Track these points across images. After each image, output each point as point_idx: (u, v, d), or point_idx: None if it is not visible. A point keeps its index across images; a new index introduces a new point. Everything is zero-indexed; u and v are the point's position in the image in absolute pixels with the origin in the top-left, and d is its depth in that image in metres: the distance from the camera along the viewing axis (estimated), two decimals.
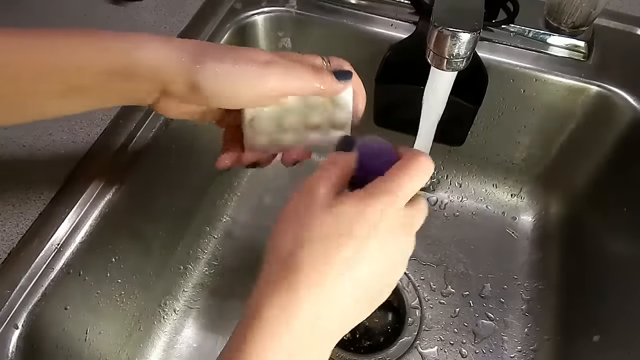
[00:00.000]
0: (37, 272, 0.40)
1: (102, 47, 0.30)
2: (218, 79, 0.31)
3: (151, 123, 0.50)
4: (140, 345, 0.57)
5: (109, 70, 0.30)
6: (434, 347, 0.61)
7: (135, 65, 0.30)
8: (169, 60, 0.31)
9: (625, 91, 0.55)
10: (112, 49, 0.30)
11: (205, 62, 0.31)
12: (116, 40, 0.31)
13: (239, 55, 0.32)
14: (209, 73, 0.31)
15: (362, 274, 0.27)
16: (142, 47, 0.31)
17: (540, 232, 0.69)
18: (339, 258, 0.26)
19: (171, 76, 0.31)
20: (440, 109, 0.44)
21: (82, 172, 0.46)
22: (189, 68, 0.31)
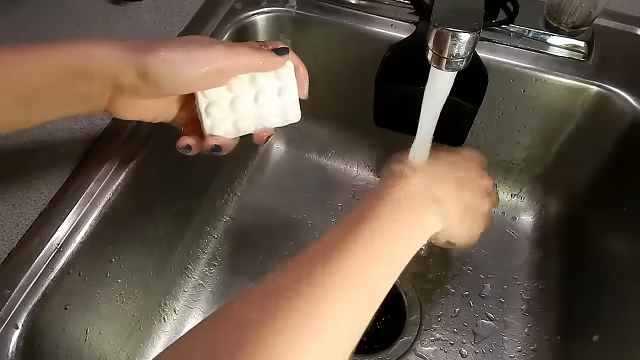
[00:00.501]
0: (37, 272, 0.40)
1: (50, 52, 0.31)
2: (166, 63, 0.32)
3: (151, 123, 0.50)
4: (140, 345, 0.57)
5: (58, 71, 0.31)
6: (434, 347, 0.61)
7: (84, 61, 0.31)
8: (115, 53, 0.32)
9: (625, 91, 0.55)
10: (58, 51, 0.31)
11: (150, 49, 0.32)
12: (60, 44, 0.32)
13: (183, 41, 0.34)
14: (157, 58, 0.32)
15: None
16: (88, 45, 0.32)
17: (540, 232, 0.69)
18: None
19: (120, 66, 0.32)
20: (440, 109, 0.44)
21: (82, 172, 0.46)
22: (136, 56, 0.32)
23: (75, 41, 0.32)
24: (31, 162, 0.46)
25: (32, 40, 0.55)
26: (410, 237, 0.34)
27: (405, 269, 0.32)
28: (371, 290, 0.29)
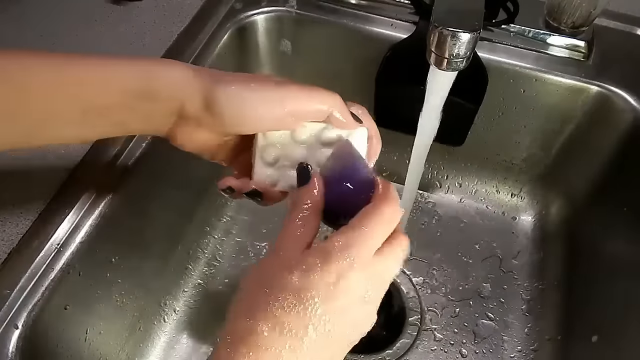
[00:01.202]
0: (37, 272, 0.40)
1: (119, 69, 0.30)
2: (235, 98, 0.30)
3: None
4: (140, 345, 0.57)
5: (126, 90, 0.30)
6: (434, 347, 0.61)
7: (153, 83, 0.30)
8: (186, 79, 0.31)
9: (625, 91, 0.55)
10: (129, 68, 0.30)
11: (223, 81, 0.31)
12: (133, 61, 0.31)
13: (257, 78, 0.32)
14: (226, 92, 0.30)
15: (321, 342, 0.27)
16: (160, 67, 0.31)
17: (540, 232, 0.69)
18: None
19: (187, 93, 0.31)
20: (440, 108, 0.44)
21: (82, 172, 0.46)
22: (206, 86, 0.30)
23: (145, 60, 0.31)
24: (31, 161, 0.46)
25: (33, 40, 0.56)
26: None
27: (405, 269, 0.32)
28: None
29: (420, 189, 0.72)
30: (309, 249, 0.28)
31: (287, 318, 0.26)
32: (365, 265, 0.27)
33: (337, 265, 0.26)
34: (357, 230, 0.28)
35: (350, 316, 0.28)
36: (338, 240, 0.27)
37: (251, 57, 0.66)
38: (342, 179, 0.30)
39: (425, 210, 0.72)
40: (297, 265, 0.27)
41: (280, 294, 0.26)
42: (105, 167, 0.47)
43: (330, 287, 0.26)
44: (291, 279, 0.26)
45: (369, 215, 0.28)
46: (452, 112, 0.46)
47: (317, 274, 0.26)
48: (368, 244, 0.28)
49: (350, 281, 0.27)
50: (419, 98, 0.43)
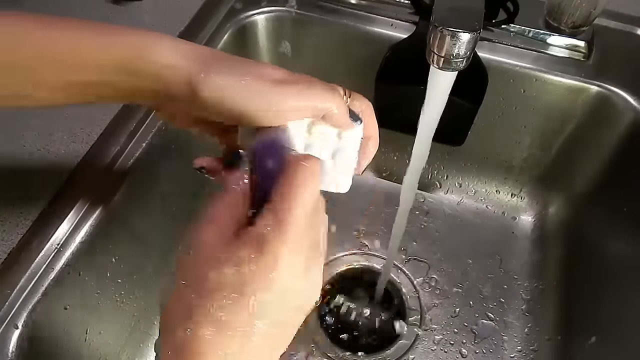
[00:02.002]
0: (37, 272, 0.40)
1: (111, 40, 0.29)
2: (222, 92, 0.29)
3: (151, 123, 0.50)
4: (140, 345, 0.57)
5: (116, 65, 0.29)
6: (434, 347, 0.61)
7: (143, 61, 0.29)
8: (177, 61, 0.29)
9: (625, 91, 0.55)
10: (122, 43, 0.29)
11: (211, 72, 0.29)
12: (126, 34, 0.29)
13: (250, 70, 0.29)
14: (214, 84, 0.29)
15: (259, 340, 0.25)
16: (153, 43, 0.29)
17: (540, 232, 0.69)
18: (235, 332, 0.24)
19: (177, 78, 0.29)
20: (440, 109, 0.43)
21: (82, 172, 0.46)
22: (195, 74, 0.29)
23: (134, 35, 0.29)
24: (31, 161, 0.46)
25: None
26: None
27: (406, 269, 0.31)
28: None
29: (420, 189, 0.72)
30: (237, 237, 0.25)
31: (230, 317, 0.24)
32: (299, 237, 0.25)
33: (271, 250, 0.24)
34: (281, 206, 0.25)
35: (296, 293, 0.26)
36: (266, 224, 0.25)
37: (251, 57, 0.65)
38: (264, 159, 0.29)
39: (425, 210, 0.72)
40: (228, 259, 0.24)
41: (216, 293, 0.24)
42: (105, 167, 0.47)
43: (269, 274, 0.24)
44: (225, 274, 0.24)
45: (288, 183, 0.26)
46: (452, 112, 0.46)
47: (253, 265, 0.24)
48: (298, 217, 0.25)
49: (288, 260, 0.25)
50: (419, 98, 0.43)
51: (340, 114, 0.31)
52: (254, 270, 0.24)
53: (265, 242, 0.25)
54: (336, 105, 0.31)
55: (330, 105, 0.30)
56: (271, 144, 0.29)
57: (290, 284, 0.25)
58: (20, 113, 0.49)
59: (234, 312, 0.24)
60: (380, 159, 0.74)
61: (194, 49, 0.30)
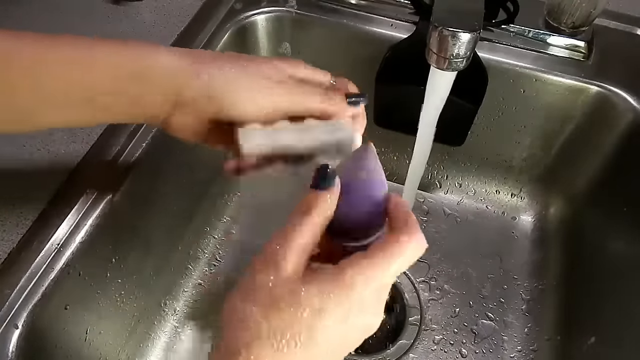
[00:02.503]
0: (37, 272, 0.40)
1: (116, 52, 0.30)
2: (232, 84, 0.30)
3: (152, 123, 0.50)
4: (140, 345, 0.57)
5: (123, 75, 0.29)
6: (434, 347, 0.61)
7: (150, 69, 0.30)
8: (182, 64, 0.30)
9: (625, 91, 0.55)
10: (126, 53, 0.30)
11: (218, 66, 0.30)
12: (129, 46, 0.30)
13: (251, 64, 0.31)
14: (223, 77, 0.30)
15: None
16: (156, 52, 0.30)
17: (540, 232, 0.69)
18: None
19: (185, 79, 0.30)
20: (440, 109, 0.44)
21: (82, 172, 0.46)
22: (203, 71, 0.30)
23: (138, 43, 0.30)
24: (31, 161, 0.46)
25: None
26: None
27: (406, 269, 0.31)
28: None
29: (420, 189, 0.72)
30: (317, 275, 0.25)
31: (293, 355, 0.23)
32: (374, 298, 0.25)
33: (349, 305, 0.24)
34: (375, 266, 0.24)
35: (349, 346, 0.26)
36: (354, 275, 0.24)
37: None
38: (358, 189, 0.27)
39: (425, 210, 0.72)
40: (307, 299, 0.24)
41: (288, 330, 0.23)
42: (106, 167, 0.47)
43: (341, 325, 0.24)
44: (301, 315, 0.23)
45: (391, 250, 0.25)
46: (452, 112, 0.46)
47: (330, 313, 0.24)
48: (382, 281, 0.25)
49: (360, 318, 0.25)
50: (419, 98, 0.43)
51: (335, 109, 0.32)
52: (329, 316, 0.24)
53: (349, 294, 0.24)
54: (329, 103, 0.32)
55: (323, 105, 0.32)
56: (368, 177, 0.28)
57: (349, 340, 0.25)
58: None
59: (298, 352, 0.24)
60: (380, 159, 0.74)
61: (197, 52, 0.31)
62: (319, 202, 0.26)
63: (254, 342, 0.23)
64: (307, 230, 0.25)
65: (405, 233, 0.25)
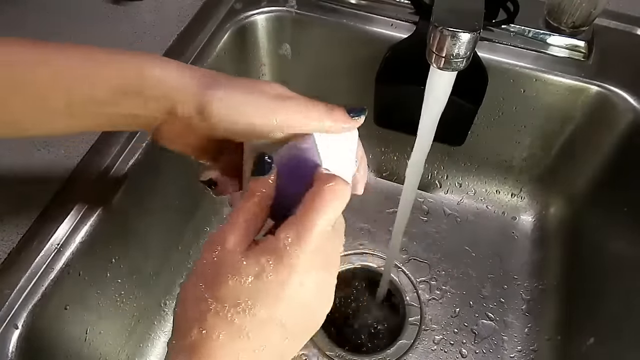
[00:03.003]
0: (37, 272, 0.40)
1: (115, 61, 0.30)
2: (229, 104, 0.30)
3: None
4: (140, 345, 0.57)
5: (120, 85, 0.29)
6: (434, 347, 0.61)
7: (148, 80, 0.29)
8: (181, 79, 0.30)
9: (625, 91, 0.55)
10: (126, 64, 0.30)
11: (217, 86, 0.30)
12: (130, 56, 0.30)
13: (253, 86, 0.31)
14: (220, 97, 0.30)
15: (277, 336, 0.26)
16: (155, 64, 0.30)
17: (540, 232, 0.69)
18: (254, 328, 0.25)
19: (182, 95, 0.30)
20: (440, 109, 0.43)
21: (82, 172, 0.46)
22: (200, 90, 0.30)
23: (138, 56, 0.30)
24: (31, 161, 0.46)
25: None
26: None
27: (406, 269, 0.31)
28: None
29: (420, 189, 0.72)
30: (258, 246, 0.26)
31: (244, 323, 0.25)
32: (317, 253, 0.26)
33: (289, 263, 0.25)
34: (302, 218, 0.26)
35: (308, 307, 0.27)
36: (287, 236, 0.26)
37: (251, 57, 0.66)
38: (290, 170, 0.29)
39: (425, 210, 0.72)
40: (248, 267, 0.25)
41: (233, 299, 0.25)
42: (106, 167, 0.47)
43: (284, 286, 0.25)
44: (243, 282, 0.25)
45: (309, 200, 0.27)
46: (452, 112, 0.46)
47: (270, 275, 0.25)
48: (318, 233, 0.26)
49: (304, 274, 0.26)
50: (419, 98, 0.43)
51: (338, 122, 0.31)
52: (271, 279, 0.25)
53: (285, 254, 0.25)
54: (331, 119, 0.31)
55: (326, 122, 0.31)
56: (298, 156, 0.29)
57: (303, 298, 0.26)
58: None
59: (248, 319, 0.25)
60: (380, 159, 0.74)
61: (197, 69, 0.31)
62: (256, 186, 0.28)
63: (205, 315, 0.24)
64: (246, 209, 0.27)
65: (320, 180, 0.27)
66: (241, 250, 0.26)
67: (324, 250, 0.27)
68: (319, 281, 0.27)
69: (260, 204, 0.28)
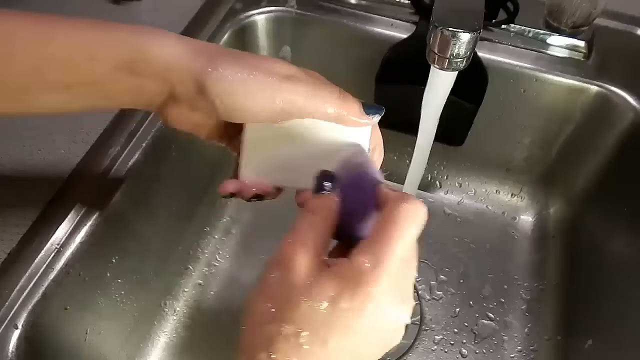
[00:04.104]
0: (37, 272, 0.40)
1: (115, 38, 0.28)
2: (230, 86, 0.28)
3: (151, 123, 0.50)
4: (140, 345, 0.57)
5: (119, 63, 0.28)
6: (434, 347, 0.61)
7: (146, 60, 0.28)
8: (181, 59, 0.28)
9: (625, 91, 0.55)
10: (125, 41, 0.28)
11: (219, 66, 0.28)
12: (130, 32, 0.28)
13: (259, 64, 0.29)
14: (222, 79, 0.28)
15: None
16: (156, 42, 0.28)
17: (540, 232, 0.69)
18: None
19: (181, 76, 0.28)
20: (440, 109, 0.44)
21: (82, 172, 0.46)
22: (201, 70, 0.28)
23: (133, 32, 0.28)
24: (31, 161, 0.46)
25: None
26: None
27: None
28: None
29: (420, 189, 0.72)
30: (331, 269, 0.24)
31: (314, 348, 0.23)
32: (395, 282, 0.24)
33: (367, 291, 0.23)
34: (379, 242, 0.24)
35: (382, 333, 0.25)
36: (364, 260, 0.24)
37: None
38: (353, 188, 0.28)
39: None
40: (322, 291, 0.23)
41: (305, 324, 0.23)
42: (106, 167, 0.47)
43: (360, 314, 0.23)
44: (317, 307, 0.23)
45: (388, 221, 0.25)
46: (452, 112, 0.46)
47: (346, 303, 0.23)
48: (398, 259, 0.24)
49: (382, 302, 0.24)
50: (419, 98, 0.43)
51: (351, 115, 0.30)
52: (346, 307, 0.23)
53: (362, 280, 0.24)
54: (345, 107, 0.30)
55: (338, 108, 0.30)
56: (360, 173, 0.28)
57: (378, 325, 0.25)
58: None
59: (318, 346, 0.23)
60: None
61: (199, 45, 0.29)
62: (322, 203, 0.27)
63: (275, 339, 0.23)
64: (313, 226, 0.26)
65: (395, 200, 0.25)
66: (314, 272, 0.24)
67: (402, 278, 0.25)
68: (394, 312, 0.25)
69: (327, 221, 0.27)
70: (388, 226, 0.25)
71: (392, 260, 0.24)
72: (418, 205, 0.25)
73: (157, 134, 0.50)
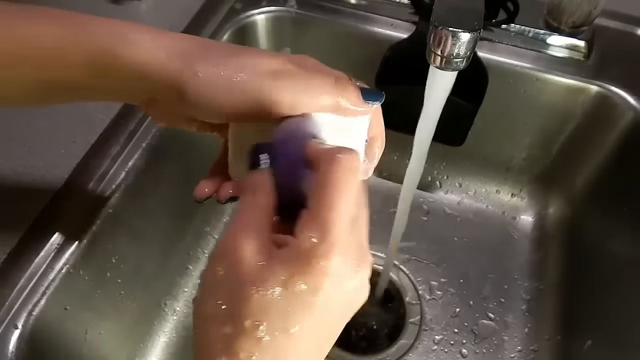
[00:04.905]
0: (37, 272, 0.40)
1: (86, 38, 0.26)
2: (212, 93, 0.26)
3: (151, 123, 0.50)
4: (140, 345, 0.57)
5: (88, 66, 0.26)
6: (434, 347, 0.61)
7: (116, 67, 0.26)
8: (156, 64, 0.26)
9: (625, 91, 0.55)
10: (97, 41, 0.26)
11: (198, 71, 0.25)
12: (101, 30, 0.26)
13: (242, 63, 0.26)
14: (202, 85, 0.25)
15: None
16: (127, 43, 0.26)
17: (540, 232, 0.69)
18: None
19: (156, 85, 0.26)
20: (440, 109, 0.43)
21: (83, 172, 0.46)
22: (178, 77, 0.25)
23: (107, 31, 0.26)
24: (31, 161, 0.46)
25: None
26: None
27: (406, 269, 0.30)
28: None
29: (420, 188, 0.72)
30: (278, 251, 0.22)
31: (275, 339, 0.21)
32: (348, 247, 0.22)
33: (321, 267, 0.22)
34: (325, 214, 0.22)
35: (345, 298, 0.23)
36: (311, 235, 0.22)
37: None
38: (282, 153, 0.25)
39: (425, 210, 0.72)
40: (274, 277, 0.21)
41: (262, 316, 0.21)
42: (105, 167, 0.47)
43: (319, 292, 0.22)
44: (272, 295, 0.21)
45: (328, 184, 0.22)
46: (452, 112, 0.46)
47: (301, 284, 0.21)
48: (345, 224, 0.22)
49: (340, 272, 0.22)
50: (419, 98, 0.43)
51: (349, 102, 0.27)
52: (303, 290, 0.21)
53: (312, 256, 0.22)
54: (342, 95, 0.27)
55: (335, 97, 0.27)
56: (292, 136, 0.25)
57: (339, 296, 0.23)
58: (21, 112, 0.49)
59: (280, 334, 0.21)
60: (380, 159, 0.74)
61: (177, 41, 0.26)
62: (257, 181, 0.25)
63: (232, 340, 0.21)
64: (252, 209, 0.24)
65: (326, 158, 0.23)
66: (262, 257, 0.22)
67: (354, 239, 0.23)
68: (355, 268, 0.23)
69: (266, 201, 0.24)
70: (326, 190, 0.22)
71: (339, 227, 0.22)
72: (348, 155, 0.23)
73: (157, 133, 0.50)
